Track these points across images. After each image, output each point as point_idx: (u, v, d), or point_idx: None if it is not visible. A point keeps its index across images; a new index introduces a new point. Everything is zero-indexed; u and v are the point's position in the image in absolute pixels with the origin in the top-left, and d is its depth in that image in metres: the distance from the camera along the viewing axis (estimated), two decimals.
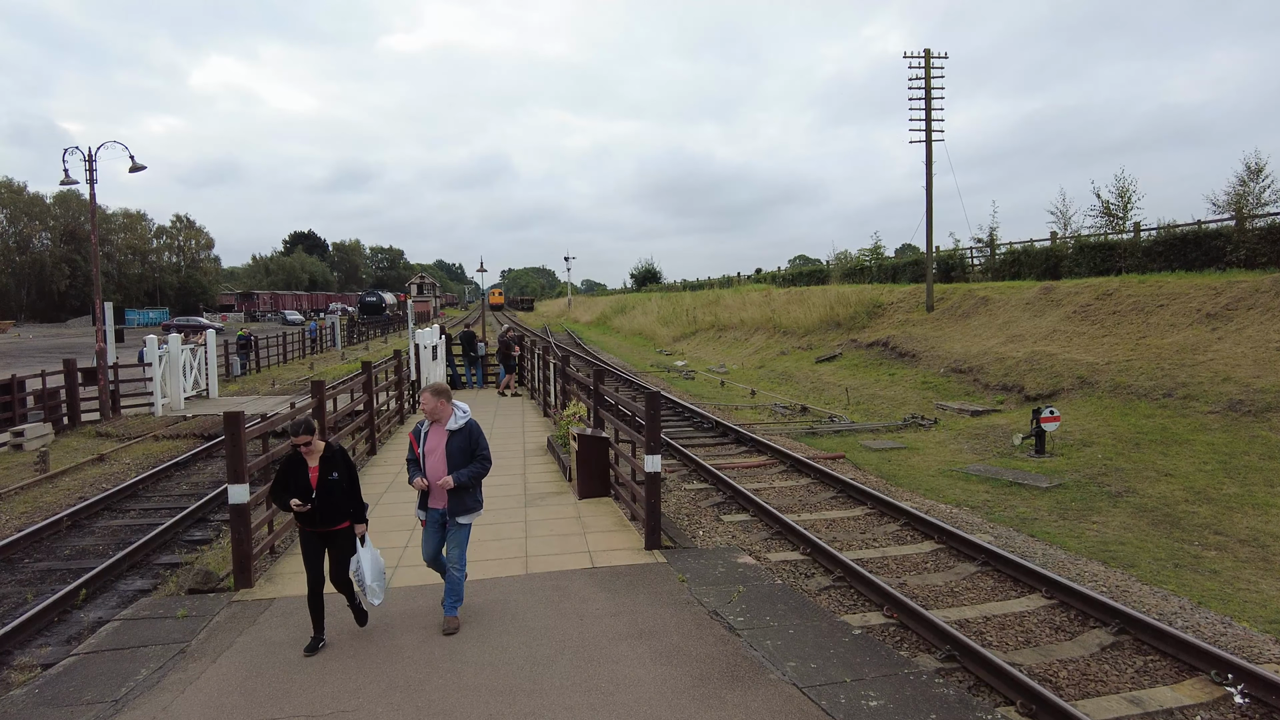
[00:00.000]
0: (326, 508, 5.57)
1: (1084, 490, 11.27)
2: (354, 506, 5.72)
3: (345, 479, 5.64)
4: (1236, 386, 13.77)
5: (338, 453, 5.71)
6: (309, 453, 5.63)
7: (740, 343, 36.57)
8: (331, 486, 5.57)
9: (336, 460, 5.65)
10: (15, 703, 4.90)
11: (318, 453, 5.66)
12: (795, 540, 8.97)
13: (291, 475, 5.64)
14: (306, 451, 5.62)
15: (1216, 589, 7.72)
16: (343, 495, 5.61)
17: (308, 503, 5.52)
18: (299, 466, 5.63)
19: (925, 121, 26.53)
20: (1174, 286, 18.46)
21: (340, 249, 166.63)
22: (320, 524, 5.60)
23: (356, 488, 5.76)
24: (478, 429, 5.94)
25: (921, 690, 4.82)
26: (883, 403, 20.00)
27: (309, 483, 5.56)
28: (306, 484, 5.56)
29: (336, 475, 5.59)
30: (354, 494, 5.72)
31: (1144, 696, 5.59)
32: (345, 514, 5.65)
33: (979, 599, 7.43)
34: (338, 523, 5.65)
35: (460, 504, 5.82)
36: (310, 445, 5.63)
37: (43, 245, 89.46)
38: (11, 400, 17.02)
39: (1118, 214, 25.72)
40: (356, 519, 5.72)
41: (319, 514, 5.57)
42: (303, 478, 5.58)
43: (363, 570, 5.58)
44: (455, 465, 5.79)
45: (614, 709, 4.60)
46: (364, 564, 5.59)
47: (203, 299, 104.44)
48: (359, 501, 5.78)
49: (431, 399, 5.88)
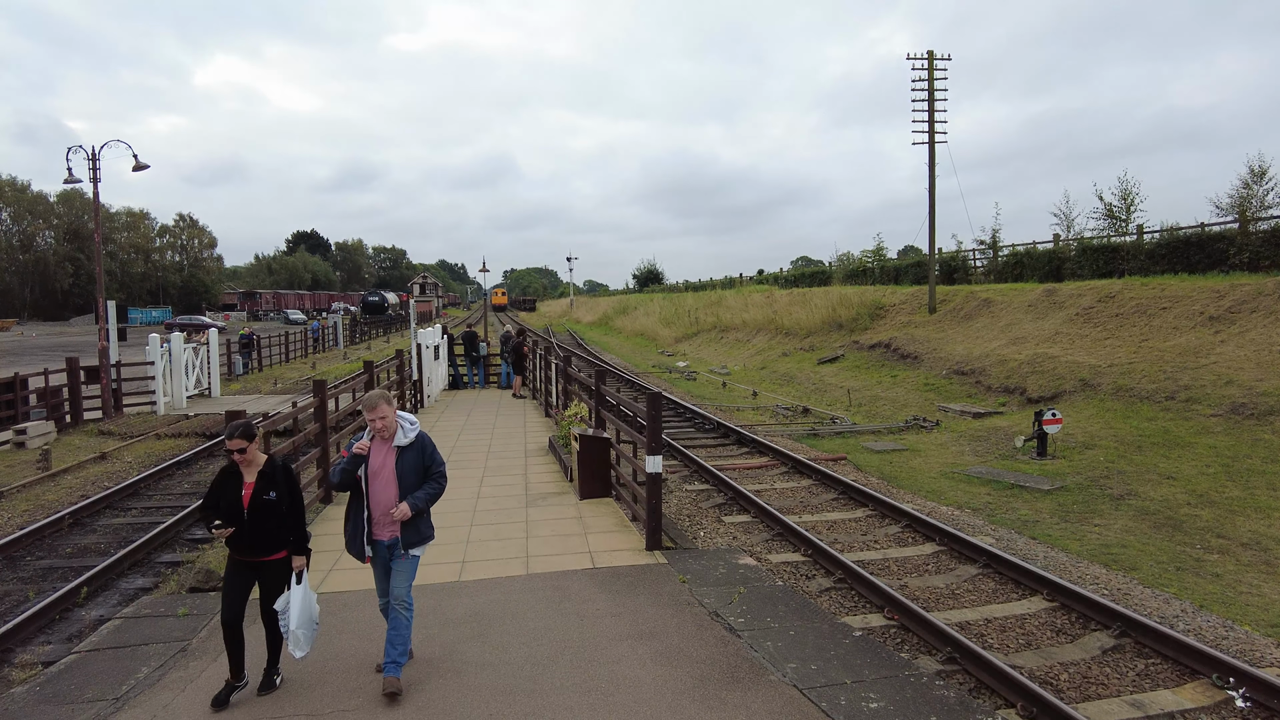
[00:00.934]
0: (259, 532, 4.73)
1: (1086, 493, 11.25)
2: (294, 534, 4.87)
3: (285, 500, 4.81)
4: (1239, 389, 13.74)
5: (279, 468, 4.87)
6: (245, 464, 4.81)
7: (742, 344, 36.55)
8: (267, 508, 4.73)
9: (277, 477, 4.82)
10: (16, 700, 4.91)
11: (256, 466, 4.84)
12: (796, 542, 8.97)
13: (222, 490, 4.78)
14: (242, 462, 4.80)
15: (1218, 592, 7.70)
16: (280, 519, 4.79)
17: (236, 525, 4.68)
18: (232, 480, 4.80)
19: (928, 123, 26.52)
20: (1177, 289, 18.43)
21: (343, 248, 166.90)
22: (250, 551, 4.77)
23: (300, 511, 4.93)
24: (430, 442, 5.11)
25: (922, 692, 4.82)
26: (884, 404, 19.99)
27: (240, 501, 4.72)
28: (238, 503, 4.72)
29: (274, 495, 4.75)
30: (295, 519, 4.88)
31: (1145, 700, 5.57)
32: (282, 541, 4.83)
33: (980, 601, 7.42)
34: (272, 551, 4.81)
35: (414, 533, 4.94)
36: (247, 454, 4.78)
37: (46, 244, 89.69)
38: (14, 398, 17.05)
39: (1120, 216, 25.70)
40: (295, 549, 4.89)
41: (249, 539, 4.73)
42: (234, 494, 4.74)
43: (290, 613, 4.74)
44: (407, 487, 4.89)
45: (614, 709, 4.60)
46: (293, 605, 4.75)
47: (205, 298, 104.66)
48: (301, 528, 4.91)
49: (369, 413, 4.89)
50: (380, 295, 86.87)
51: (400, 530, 4.87)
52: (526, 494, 9.83)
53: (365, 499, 4.88)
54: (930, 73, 26.39)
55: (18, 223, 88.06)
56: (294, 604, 4.77)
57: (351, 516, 4.98)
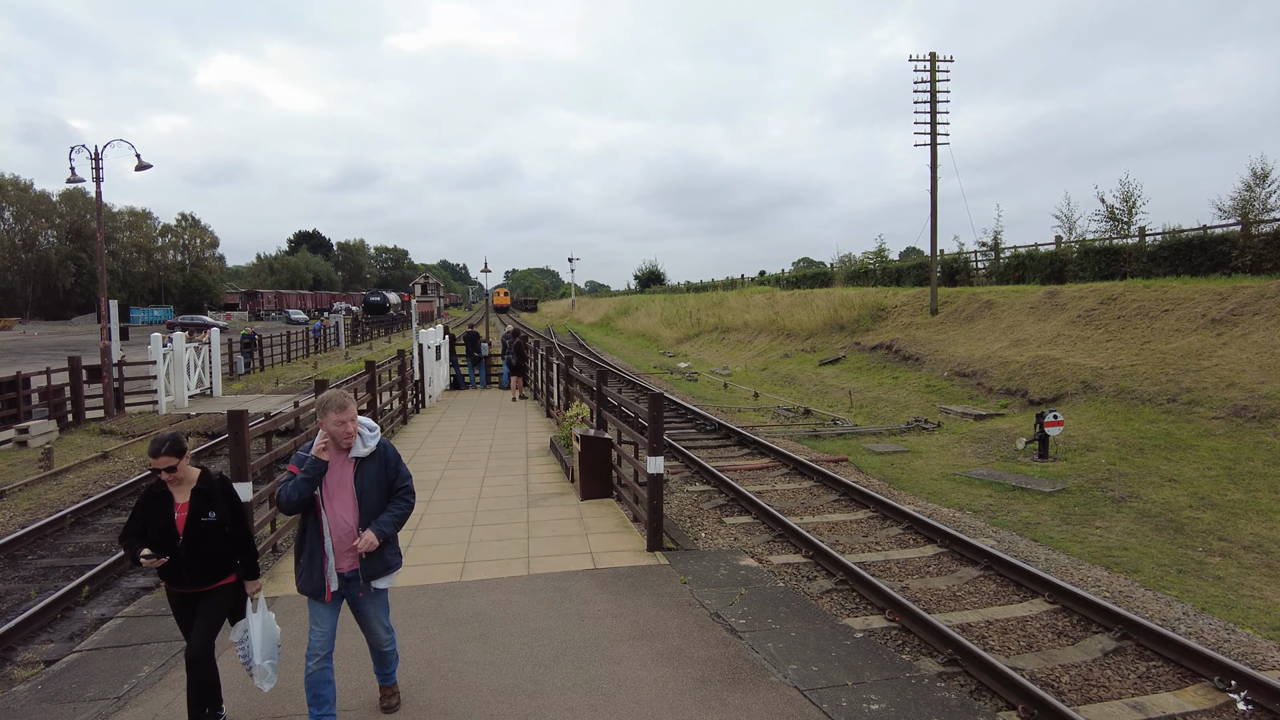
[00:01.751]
0: (199, 560, 4.15)
1: (1087, 495, 11.24)
2: (242, 556, 4.33)
3: (229, 519, 4.25)
4: (1241, 392, 13.73)
5: (218, 484, 4.31)
6: (175, 483, 4.19)
7: (743, 345, 36.55)
8: (207, 531, 4.16)
9: (215, 494, 4.24)
10: (18, 699, 4.92)
11: (188, 483, 4.23)
12: (797, 543, 8.96)
13: (150, 515, 4.17)
14: (172, 481, 4.17)
15: (1220, 595, 7.69)
16: (224, 542, 4.23)
17: (170, 553, 4.09)
18: (160, 503, 4.18)
19: (930, 125, 26.51)
20: (1179, 291, 18.41)
21: (345, 248, 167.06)
22: (190, 582, 4.19)
23: (247, 530, 4.37)
24: (394, 451, 4.42)
25: (923, 694, 4.81)
26: (886, 406, 19.98)
27: (174, 526, 4.13)
28: (170, 527, 4.12)
29: (215, 515, 4.18)
30: (243, 539, 4.32)
31: (1146, 702, 5.57)
32: (227, 567, 4.28)
33: (981, 603, 7.41)
34: (215, 579, 4.23)
35: (380, 562, 4.27)
36: (177, 472, 4.15)
37: (49, 243, 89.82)
38: (16, 397, 17.07)
39: (1122, 218, 25.70)
40: (247, 573, 4.35)
41: (187, 569, 4.14)
42: (165, 518, 4.14)
43: (250, 644, 4.26)
44: (370, 509, 4.21)
45: (615, 710, 4.60)
46: (253, 635, 4.27)
47: (207, 297, 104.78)
48: (250, 549, 4.36)
49: (337, 415, 4.11)
50: (382, 295, 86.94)
51: (361, 560, 4.20)
52: (528, 494, 9.83)
53: (321, 523, 4.13)
54: (932, 74, 26.39)
55: (20, 222, 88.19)
56: (254, 634, 4.27)
57: (306, 545, 4.17)
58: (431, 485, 10.30)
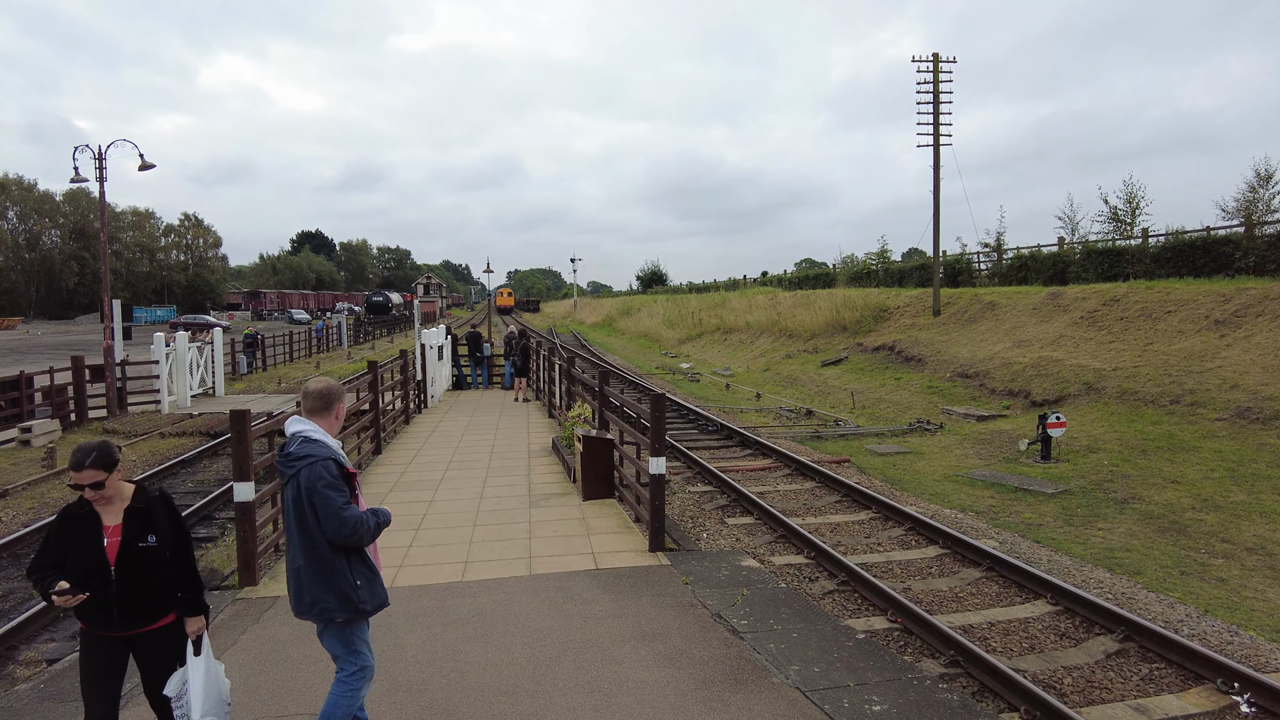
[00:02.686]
0: (136, 594, 3.41)
1: (1090, 496, 11.22)
2: (184, 588, 3.58)
3: (170, 545, 3.51)
4: (1245, 394, 13.70)
5: (157, 500, 3.57)
6: (104, 502, 3.43)
7: (746, 345, 36.54)
8: (146, 559, 3.42)
9: (155, 512, 3.51)
10: (21, 698, 4.92)
11: (121, 502, 3.48)
12: (799, 544, 8.96)
13: (70, 541, 3.39)
14: (100, 499, 3.41)
15: (1223, 597, 7.68)
16: (167, 572, 3.50)
17: (96, 588, 3.32)
18: (84, 527, 3.40)
19: (933, 126, 26.50)
20: (1182, 293, 18.38)
21: (347, 249, 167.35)
22: (122, 624, 3.43)
23: (191, 556, 3.63)
24: None
25: (925, 695, 4.81)
26: (888, 407, 19.96)
27: (102, 554, 3.36)
28: (98, 556, 3.36)
29: (156, 539, 3.45)
30: (186, 567, 3.59)
31: (1149, 704, 5.56)
32: (168, 603, 3.53)
33: (983, 604, 7.40)
34: (155, 617, 3.50)
35: None
36: (105, 489, 3.39)
37: (52, 243, 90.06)
38: (20, 396, 17.10)
39: (1125, 220, 25.67)
40: (189, 609, 3.59)
41: (120, 607, 3.38)
42: (91, 545, 3.37)
43: (190, 697, 3.51)
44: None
45: (616, 710, 4.60)
46: (194, 686, 3.52)
47: (210, 297, 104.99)
48: (194, 580, 3.62)
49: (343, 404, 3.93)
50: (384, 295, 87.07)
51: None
52: (530, 494, 9.83)
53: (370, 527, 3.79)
54: (935, 75, 26.38)
55: (24, 221, 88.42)
56: (195, 683, 3.53)
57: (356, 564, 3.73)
58: (434, 485, 10.30)
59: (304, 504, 3.56)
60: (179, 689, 3.54)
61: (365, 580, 3.72)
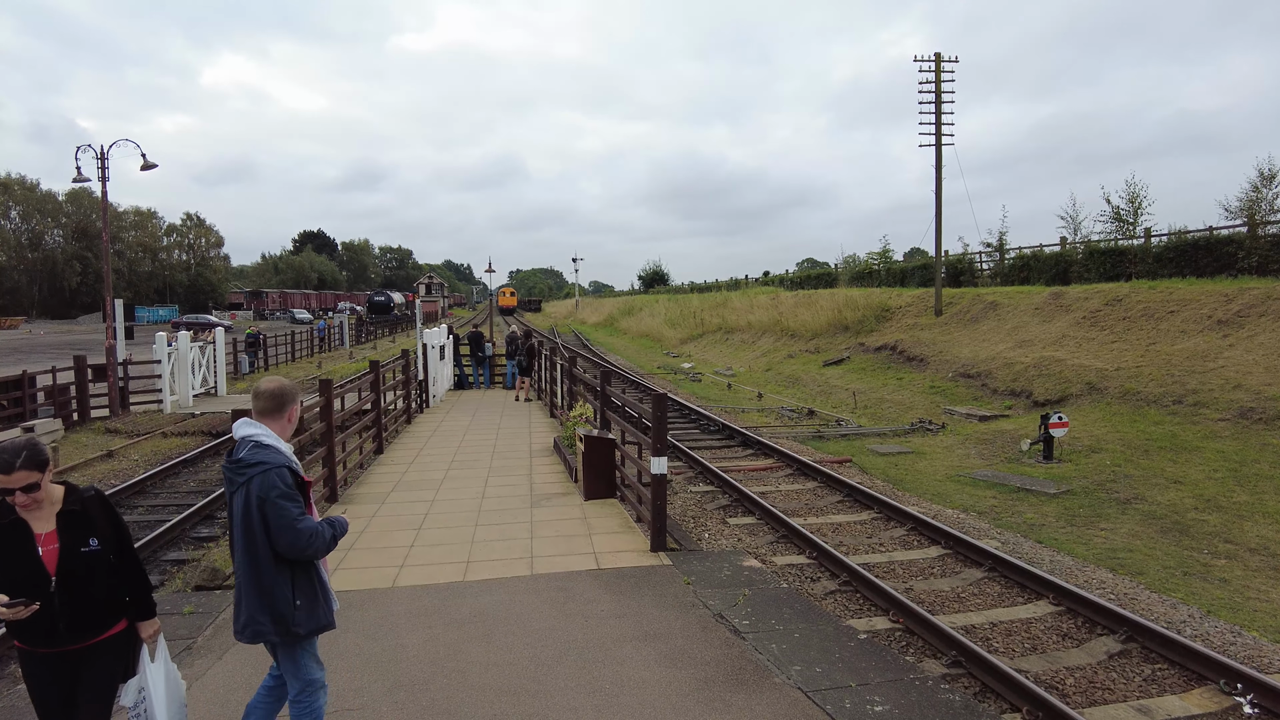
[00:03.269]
0: (82, 606, 3.14)
1: (1092, 497, 11.20)
2: (133, 592, 3.34)
3: (113, 547, 3.25)
4: (1248, 394, 13.67)
5: (94, 500, 3.26)
6: (32, 507, 3.09)
7: (747, 345, 36.53)
8: (90, 565, 3.15)
9: (92, 514, 3.21)
10: (24, 696, 4.92)
11: (51, 506, 3.16)
12: (801, 544, 8.95)
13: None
14: (28, 505, 3.08)
15: (1226, 598, 7.66)
16: (113, 577, 3.24)
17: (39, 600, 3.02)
18: (13, 536, 3.08)
19: (935, 125, 26.48)
20: (1185, 293, 18.35)
21: (349, 248, 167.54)
22: (69, 637, 3.14)
23: (134, 557, 3.36)
24: None
25: (927, 696, 4.80)
26: (890, 407, 19.94)
27: (39, 563, 3.07)
28: (35, 566, 3.07)
29: (97, 544, 3.18)
30: (133, 568, 3.34)
31: (1152, 705, 5.55)
32: (116, 610, 3.27)
33: (985, 605, 7.39)
34: (102, 628, 3.21)
35: None
36: (38, 492, 3.07)
37: (55, 242, 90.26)
38: (22, 396, 17.13)
39: (1128, 220, 25.61)
40: (140, 613, 3.36)
41: (65, 620, 3.11)
42: (24, 555, 3.07)
43: (151, 707, 3.30)
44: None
45: (618, 711, 4.60)
46: (153, 695, 3.30)
47: (212, 297, 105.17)
48: (143, 580, 3.38)
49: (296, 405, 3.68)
50: (386, 295, 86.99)
51: None
52: (531, 494, 9.83)
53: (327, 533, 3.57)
54: (937, 75, 26.36)
55: (27, 221, 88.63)
56: (156, 690, 3.31)
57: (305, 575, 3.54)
58: (435, 485, 10.31)
59: (253, 515, 3.35)
60: (135, 698, 3.31)
61: (307, 600, 3.50)
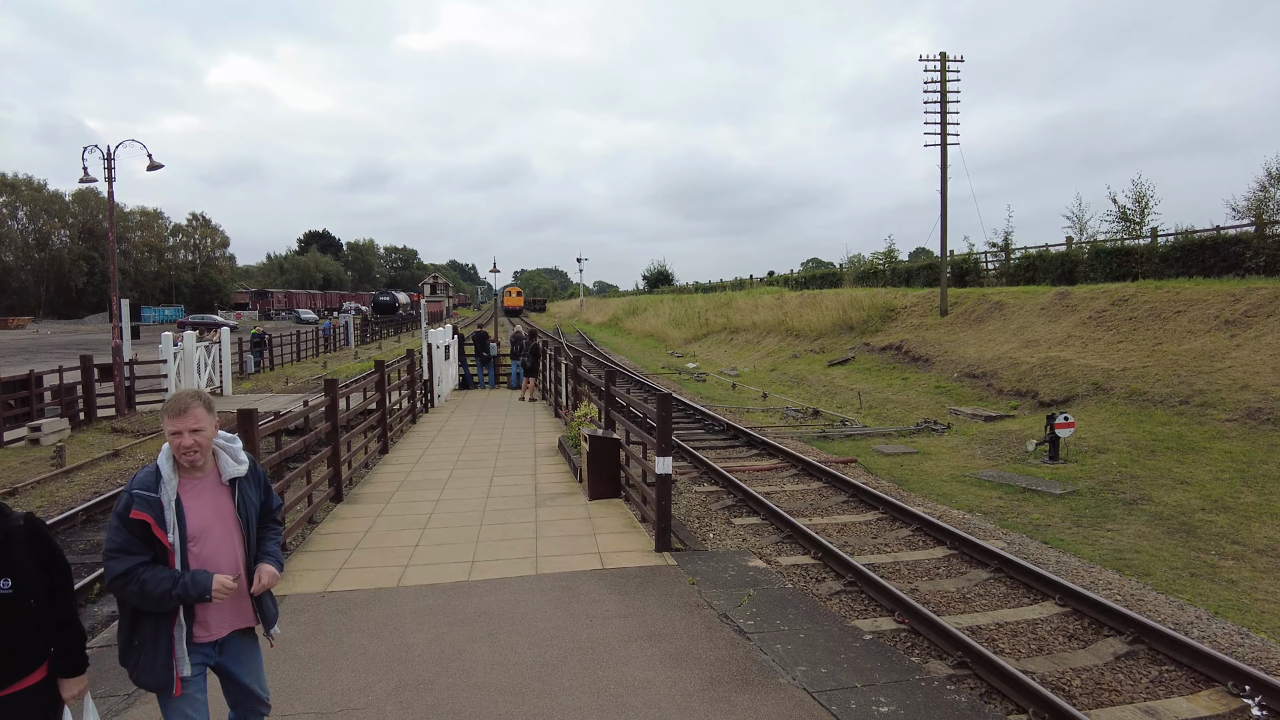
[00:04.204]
0: None
1: (1098, 497, 11.16)
2: (59, 641, 2.85)
3: (36, 589, 2.74)
4: (1255, 394, 13.61)
5: (20, 532, 2.74)
6: None
7: (752, 345, 36.49)
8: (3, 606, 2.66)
9: (11, 550, 2.69)
10: None
11: None
12: (806, 544, 8.93)
13: None
14: None
15: (1234, 599, 7.62)
16: (27, 622, 2.72)
17: None
18: None
19: (940, 125, 26.43)
20: (1191, 293, 18.27)
21: (354, 248, 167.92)
22: None
23: (68, 595, 2.90)
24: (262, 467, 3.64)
25: (933, 697, 4.78)
26: (895, 407, 19.90)
27: None
28: None
29: (10, 586, 2.66)
30: (62, 613, 2.85)
31: (1159, 707, 5.52)
32: (31, 659, 2.76)
33: (991, 606, 7.37)
34: (16, 677, 2.72)
35: (272, 602, 3.47)
36: None
37: (61, 243, 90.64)
38: (29, 395, 17.20)
39: (1134, 219, 25.53)
40: (66, 668, 2.86)
41: None
42: None
43: None
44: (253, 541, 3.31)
45: (623, 710, 4.59)
46: None
47: (218, 297, 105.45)
48: (74, 629, 2.90)
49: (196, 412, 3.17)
50: (391, 295, 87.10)
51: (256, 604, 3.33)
52: (536, 494, 9.83)
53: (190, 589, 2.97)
54: (942, 74, 26.30)
55: (34, 221, 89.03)
56: None
57: (144, 621, 2.98)
58: (440, 484, 10.31)
59: None
60: None
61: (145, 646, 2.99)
